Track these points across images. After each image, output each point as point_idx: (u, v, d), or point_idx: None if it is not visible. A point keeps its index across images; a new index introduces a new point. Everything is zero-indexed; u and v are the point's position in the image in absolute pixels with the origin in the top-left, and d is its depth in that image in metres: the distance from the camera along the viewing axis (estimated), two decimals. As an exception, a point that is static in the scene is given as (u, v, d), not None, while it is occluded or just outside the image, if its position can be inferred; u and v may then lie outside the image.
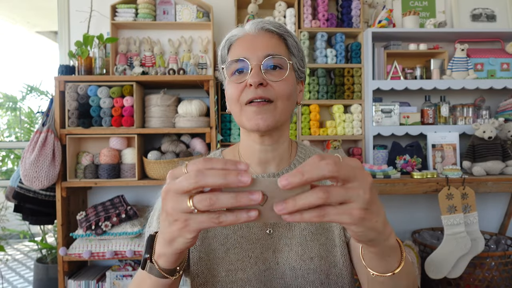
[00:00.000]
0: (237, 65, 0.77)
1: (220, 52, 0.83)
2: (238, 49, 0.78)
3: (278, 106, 0.77)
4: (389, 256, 0.53)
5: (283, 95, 0.76)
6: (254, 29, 0.79)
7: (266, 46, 0.77)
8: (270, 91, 0.76)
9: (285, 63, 0.77)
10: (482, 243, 2.10)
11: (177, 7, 2.40)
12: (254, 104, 0.75)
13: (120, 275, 2.14)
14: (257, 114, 0.75)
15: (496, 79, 2.46)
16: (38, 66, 4.94)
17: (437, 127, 2.42)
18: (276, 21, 0.82)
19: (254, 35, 0.78)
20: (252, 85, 0.74)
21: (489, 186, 2.17)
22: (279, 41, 0.79)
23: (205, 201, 0.43)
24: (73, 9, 2.48)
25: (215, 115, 2.21)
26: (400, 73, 2.43)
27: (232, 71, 0.78)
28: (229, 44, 0.81)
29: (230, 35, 0.81)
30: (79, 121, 2.14)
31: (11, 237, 4.35)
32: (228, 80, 0.79)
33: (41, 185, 2.03)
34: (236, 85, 0.77)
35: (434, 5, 2.60)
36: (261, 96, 0.75)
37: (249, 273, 0.76)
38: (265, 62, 0.75)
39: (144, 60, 2.42)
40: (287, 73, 0.77)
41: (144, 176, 2.25)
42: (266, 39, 0.78)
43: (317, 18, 2.44)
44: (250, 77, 0.74)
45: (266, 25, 0.79)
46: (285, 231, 0.80)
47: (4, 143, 4.43)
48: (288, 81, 0.78)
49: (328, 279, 0.77)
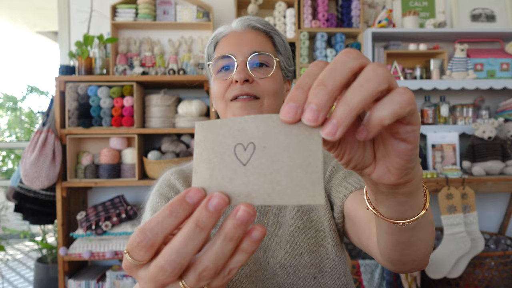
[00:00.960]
0: (223, 62, 0.76)
1: (206, 50, 0.83)
2: (224, 46, 0.78)
3: (264, 103, 0.76)
4: (419, 189, 0.43)
5: (269, 92, 0.76)
6: (240, 26, 0.78)
7: (253, 43, 0.76)
8: (256, 88, 0.75)
9: (271, 60, 0.77)
10: (482, 243, 2.10)
11: (177, 7, 2.41)
12: (240, 100, 0.75)
13: (120, 275, 2.14)
14: (242, 110, 0.75)
15: (496, 79, 2.46)
16: (38, 66, 4.95)
17: (437, 127, 2.42)
18: (263, 19, 0.82)
19: (241, 32, 0.78)
20: (238, 81, 0.73)
21: (488, 186, 2.18)
22: (266, 39, 0.79)
23: (204, 274, 0.31)
24: (73, 9, 2.49)
25: (215, 115, 2.21)
26: (400, 73, 2.44)
27: (218, 68, 0.77)
28: (216, 42, 0.80)
29: (217, 33, 0.80)
30: (79, 121, 2.14)
31: (12, 237, 4.35)
32: (214, 77, 0.78)
33: (41, 185, 2.03)
34: (222, 82, 0.76)
35: (434, 5, 2.60)
36: (246, 93, 0.74)
37: (240, 274, 0.75)
38: (251, 59, 0.75)
39: (144, 60, 2.43)
40: (273, 70, 0.76)
41: (144, 176, 2.25)
42: (253, 36, 0.77)
43: (317, 18, 2.44)
44: (236, 73, 0.74)
45: (253, 22, 0.78)
46: (274, 230, 0.79)
47: (5, 143, 4.43)
48: (275, 79, 0.77)
49: (322, 272, 0.75)
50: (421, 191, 0.44)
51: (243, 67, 0.74)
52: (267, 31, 0.79)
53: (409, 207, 0.43)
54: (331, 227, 0.77)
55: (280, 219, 0.80)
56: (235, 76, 0.73)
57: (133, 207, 2.12)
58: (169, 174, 0.85)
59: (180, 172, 0.85)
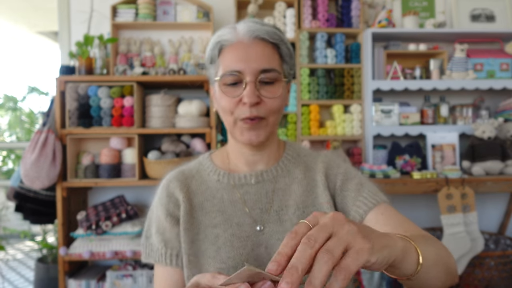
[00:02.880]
0: (231, 78, 0.77)
1: (209, 52, 0.81)
2: (231, 58, 0.77)
3: (269, 121, 0.79)
4: (406, 255, 0.51)
5: (274, 111, 0.79)
6: (248, 37, 0.77)
7: (261, 58, 0.76)
8: (263, 109, 0.77)
9: (278, 76, 0.78)
10: (482, 243, 2.11)
11: (177, 7, 2.41)
12: (248, 122, 0.77)
13: (121, 275, 2.14)
14: (250, 130, 0.78)
15: (496, 79, 2.46)
16: (38, 67, 4.95)
17: (436, 127, 2.43)
18: (269, 24, 0.80)
19: (248, 43, 0.77)
20: (248, 104, 0.75)
21: (488, 186, 2.18)
22: (273, 51, 0.79)
23: None
24: (74, 10, 2.49)
25: (215, 115, 2.22)
26: (400, 73, 2.44)
27: (226, 82, 0.78)
28: (220, 47, 0.79)
29: (222, 38, 0.78)
30: (80, 121, 2.15)
31: (12, 237, 4.35)
32: (222, 90, 0.78)
33: (41, 185, 2.04)
34: (230, 98, 0.77)
35: (434, 5, 2.61)
36: (256, 116, 0.76)
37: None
38: (259, 79, 0.76)
39: (144, 60, 2.43)
40: (280, 91, 0.78)
41: (144, 176, 2.25)
42: (260, 49, 0.77)
43: (317, 18, 2.44)
44: (246, 96, 0.75)
45: (260, 33, 0.77)
46: (276, 227, 0.81)
47: (5, 143, 4.43)
48: (280, 96, 0.79)
49: None
50: (410, 253, 0.51)
51: (253, 89, 0.75)
52: (274, 43, 0.79)
53: (404, 269, 0.51)
54: None
55: (281, 216, 0.82)
56: (246, 99, 0.75)
57: (133, 207, 2.13)
58: (169, 179, 0.88)
59: (179, 176, 0.88)
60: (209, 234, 0.81)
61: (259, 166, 0.86)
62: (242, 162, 0.86)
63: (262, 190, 0.84)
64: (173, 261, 0.81)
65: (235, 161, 0.87)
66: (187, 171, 0.89)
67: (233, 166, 0.87)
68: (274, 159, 0.87)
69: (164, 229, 0.83)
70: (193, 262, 0.80)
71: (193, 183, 0.87)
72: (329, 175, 0.86)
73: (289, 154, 0.89)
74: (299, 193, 0.84)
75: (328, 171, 0.86)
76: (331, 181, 0.85)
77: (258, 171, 0.85)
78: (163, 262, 0.82)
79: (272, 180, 0.85)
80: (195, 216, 0.83)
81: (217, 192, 0.85)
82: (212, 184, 0.86)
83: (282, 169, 0.87)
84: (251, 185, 0.84)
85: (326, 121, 2.46)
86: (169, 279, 0.82)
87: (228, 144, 0.89)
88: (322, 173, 0.85)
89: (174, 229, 0.83)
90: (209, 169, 0.88)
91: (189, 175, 0.88)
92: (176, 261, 0.81)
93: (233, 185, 0.85)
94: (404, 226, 0.74)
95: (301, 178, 0.86)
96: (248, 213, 0.82)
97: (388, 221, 0.76)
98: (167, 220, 0.83)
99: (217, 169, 0.87)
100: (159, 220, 0.85)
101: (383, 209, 0.79)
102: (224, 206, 0.83)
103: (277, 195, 0.84)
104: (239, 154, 0.86)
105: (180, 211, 0.83)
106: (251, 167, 0.86)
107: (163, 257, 0.82)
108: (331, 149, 2.38)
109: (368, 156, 2.40)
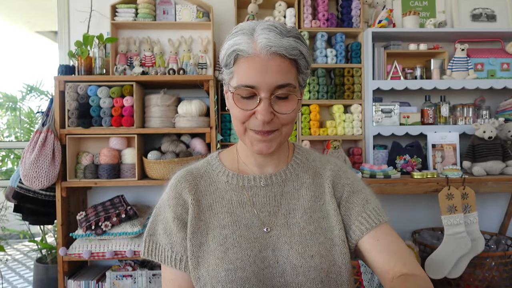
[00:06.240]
0: (245, 91, 0.74)
1: (224, 58, 0.78)
2: (247, 72, 0.74)
3: (283, 132, 0.79)
4: None
5: (288, 123, 0.78)
6: (266, 52, 0.72)
7: (277, 73, 0.73)
8: (276, 123, 0.76)
9: (293, 89, 0.76)
10: (482, 243, 2.10)
11: (177, 7, 2.40)
12: (260, 134, 0.77)
13: (120, 275, 2.14)
14: (261, 142, 0.78)
15: (496, 79, 2.46)
16: (38, 66, 4.94)
17: (437, 127, 2.42)
18: (289, 34, 0.74)
19: (265, 58, 0.73)
20: (260, 121, 0.74)
21: (489, 186, 2.17)
22: (291, 65, 0.75)
23: None
24: (73, 9, 2.48)
25: (215, 115, 2.21)
26: (400, 73, 2.43)
27: (239, 94, 0.76)
28: (236, 55, 0.75)
29: (238, 48, 0.74)
30: (79, 121, 2.14)
31: (11, 237, 4.35)
32: (234, 101, 0.77)
33: (41, 185, 2.03)
34: (243, 111, 0.76)
35: (434, 5, 2.60)
36: (268, 131, 0.76)
37: (248, 271, 0.77)
38: (274, 94, 0.74)
39: (144, 60, 2.42)
40: (294, 105, 0.76)
41: (144, 176, 2.25)
42: (277, 63, 0.73)
43: (317, 18, 2.44)
44: (260, 113, 0.74)
45: (278, 50, 0.72)
46: (283, 230, 0.81)
47: (4, 143, 4.43)
48: (295, 109, 0.77)
49: (328, 277, 0.78)
50: None
51: (267, 106, 0.74)
52: (293, 59, 0.75)
53: None
54: (340, 237, 0.82)
55: (289, 220, 0.83)
56: (259, 117, 0.74)
57: (133, 207, 2.12)
58: (177, 179, 0.88)
59: (188, 175, 0.88)
60: (217, 235, 0.81)
61: (269, 169, 0.87)
62: (252, 163, 0.87)
63: (270, 193, 0.85)
64: (177, 264, 0.82)
65: (244, 161, 0.88)
66: (195, 171, 0.90)
67: (242, 167, 0.88)
68: (283, 162, 0.88)
69: (171, 232, 0.84)
70: (201, 263, 0.80)
71: (201, 184, 0.87)
72: (336, 184, 0.87)
73: (298, 158, 0.90)
74: (307, 198, 0.85)
75: (335, 180, 0.87)
76: (338, 191, 0.86)
77: (267, 173, 0.86)
78: (168, 263, 0.83)
79: (280, 184, 0.86)
80: (204, 218, 0.83)
81: (226, 194, 0.85)
82: (221, 185, 0.86)
83: (291, 172, 0.87)
84: (260, 187, 0.85)
85: (326, 121, 2.46)
86: (176, 281, 0.83)
87: (238, 144, 0.90)
88: (330, 181, 0.86)
89: (180, 233, 0.83)
90: (217, 170, 0.89)
91: (198, 175, 0.89)
92: (179, 265, 0.82)
93: (242, 186, 0.85)
94: (396, 257, 0.77)
95: (309, 183, 0.87)
96: (257, 215, 0.83)
97: (382, 249, 0.79)
98: (175, 223, 0.83)
99: (226, 170, 0.88)
100: (167, 222, 0.85)
101: (380, 233, 0.81)
102: (233, 207, 0.84)
103: (285, 199, 0.84)
104: (249, 155, 0.87)
105: (188, 215, 0.83)
106: (261, 169, 0.87)
107: (169, 259, 0.83)
108: (332, 149, 2.37)
109: (368, 156, 2.40)
